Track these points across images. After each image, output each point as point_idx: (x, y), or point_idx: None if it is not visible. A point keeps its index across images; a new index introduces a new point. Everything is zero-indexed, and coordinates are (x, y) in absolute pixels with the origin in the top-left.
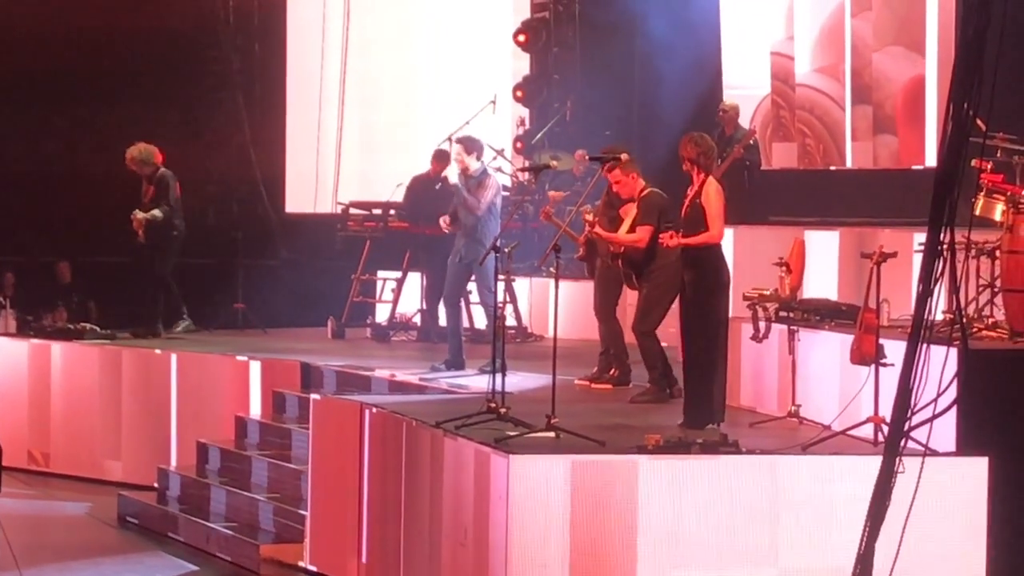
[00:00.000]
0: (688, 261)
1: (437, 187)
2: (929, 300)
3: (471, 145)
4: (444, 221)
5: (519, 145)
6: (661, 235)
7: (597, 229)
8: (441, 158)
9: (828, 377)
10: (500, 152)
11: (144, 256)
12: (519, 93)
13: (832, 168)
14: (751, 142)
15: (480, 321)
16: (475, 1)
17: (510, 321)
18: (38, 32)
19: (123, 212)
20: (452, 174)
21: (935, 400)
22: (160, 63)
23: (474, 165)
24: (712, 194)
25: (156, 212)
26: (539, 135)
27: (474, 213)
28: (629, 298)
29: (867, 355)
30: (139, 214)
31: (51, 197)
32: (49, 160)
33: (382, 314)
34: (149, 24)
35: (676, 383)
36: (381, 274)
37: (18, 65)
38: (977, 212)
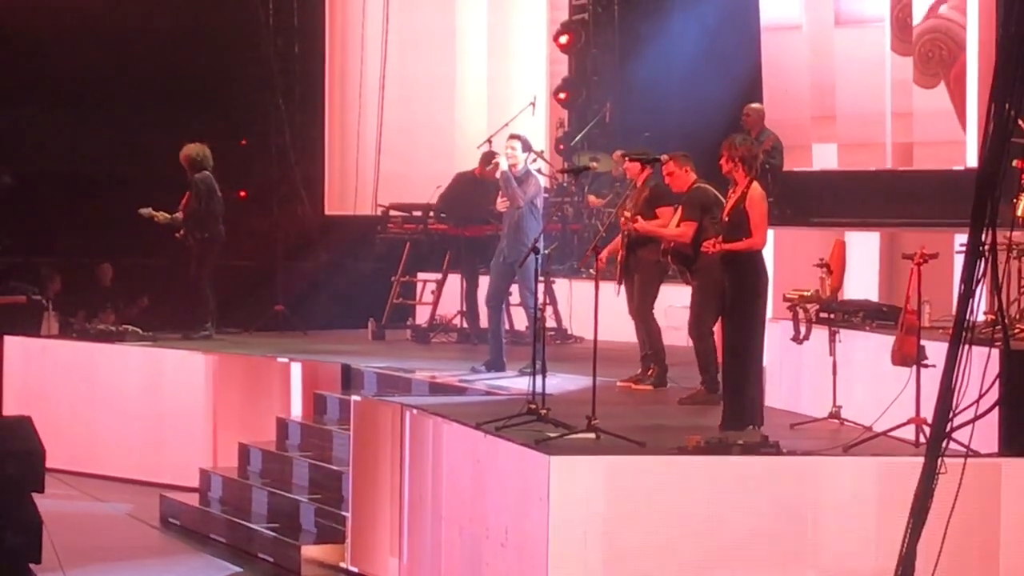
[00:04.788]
0: (727, 264)
1: (488, 166)
2: (970, 301)
3: (527, 143)
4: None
5: (561, 147)
6: (704, 243)
7: (641, 223)
8: (489, 160)
9: (869, 378)
10: (540, 154)
11: (185, 259)
12: (562, 95)
13: (873, 169)
14: (771, 146)
15: (520, 323)
16: (512, 2)
17: (550, 323)
18: (79, 34)
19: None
20: (503, 162)
21: (977, 401)
22: (200, 65)
23: (522, 164)
24: (757, 199)
25: (165, 215)
26: (578, 137)
27: (515, 204)
28: (666, 299)
29: (908, 356)
30: (156, 215)
31: (93, 199)
32: (91, 162)
33: (422, 316)
34: (189, 26)
35: None
36: (421, 276)
37: (59, 68)
38: (1019, 213)
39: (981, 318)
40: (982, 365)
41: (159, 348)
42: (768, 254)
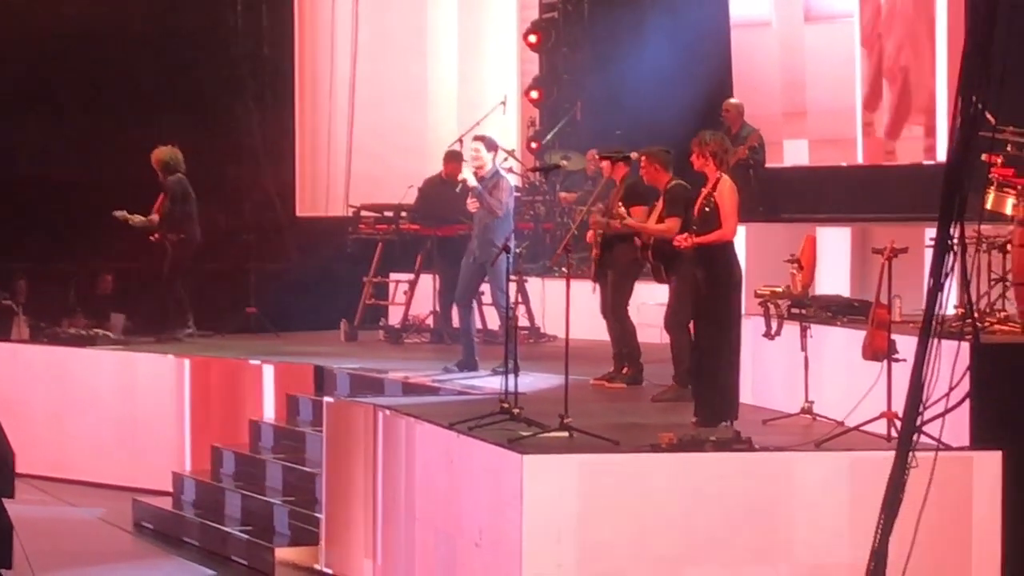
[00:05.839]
0: (701, 258)
1: (457, 189)
2: (940, 295)
3: (491, 143)
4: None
5: (534, 145)
6: (676, 237)
7: (628, 220)
8: (453, 159)
9: (841, 373)
10: (511, 153)
11: (159, 262)
12: (534, 94)
13: (843, 164)
14: (756, 144)
15: (493, 322)
16: (482, 2)
17: (522, 322)
18: (48, 38)
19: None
20: (470, 176)
21: (947, 395)
22: (170, 68)
23: (489, 165)
24: (726, 191)
25: (140, 217)
26: (549, 135)
27: (496, 215)
28: (639, 297)
29: (879, 351)
30: (133, 218)
31: (62, 202)
32: (59, 166)
33: (395, 316)
34: (158, 29)
35: None
36: (393, 276)
37: (28, 71)
38: (988, 206)
39: (951, 312)
40: (952, 359)
41: (131, 352)
42: (739, 250)
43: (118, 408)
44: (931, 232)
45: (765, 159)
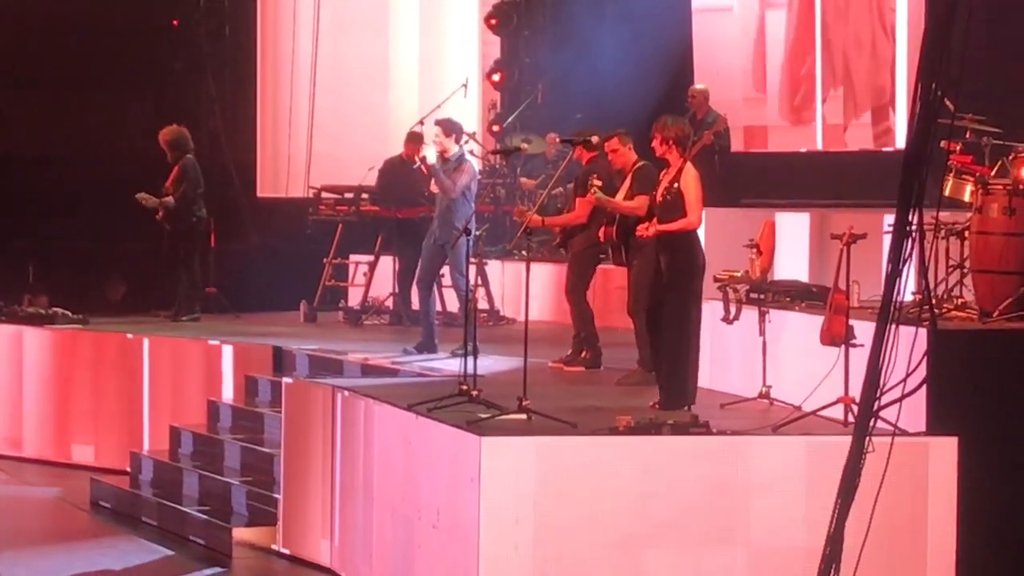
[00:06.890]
0: (663, 245)
1: (415, 166)
2: (898, 281)
3: (450, 127)
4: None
5: (496, 128)
6: (639, 227)
7: (600, 195)
8: (414, 140)
9: (798, 358)
10: (472, 135)
11: (167, 242)
12: (495, 77)
13: (803, 150)
14: (722, 129)
15: (452, 305)
16: None
17: (482, 304)
18: (9, 16)
19: (96, 197)
20: (431, 155)
21: (904, 380)
22: (131, 47)
23: (453, 148)
24: (691, 180)
25: (168, 200)
26: (510, 118)
27: (448, 196)
28: (605, 281)
29: (837, 336)
30: (149, 199)
31: (21, 180)
32: (18, 145)
33: (354, 298)
34: (120, 7)
35: None
36: (353, 258)
37: None
38: (946, 193)
39: (909, 298)
40: (909, 345)
41: (89, 331)
42: (700, 235)
43: (76, 387)
44: (889, 218)
45: (731, 145)
